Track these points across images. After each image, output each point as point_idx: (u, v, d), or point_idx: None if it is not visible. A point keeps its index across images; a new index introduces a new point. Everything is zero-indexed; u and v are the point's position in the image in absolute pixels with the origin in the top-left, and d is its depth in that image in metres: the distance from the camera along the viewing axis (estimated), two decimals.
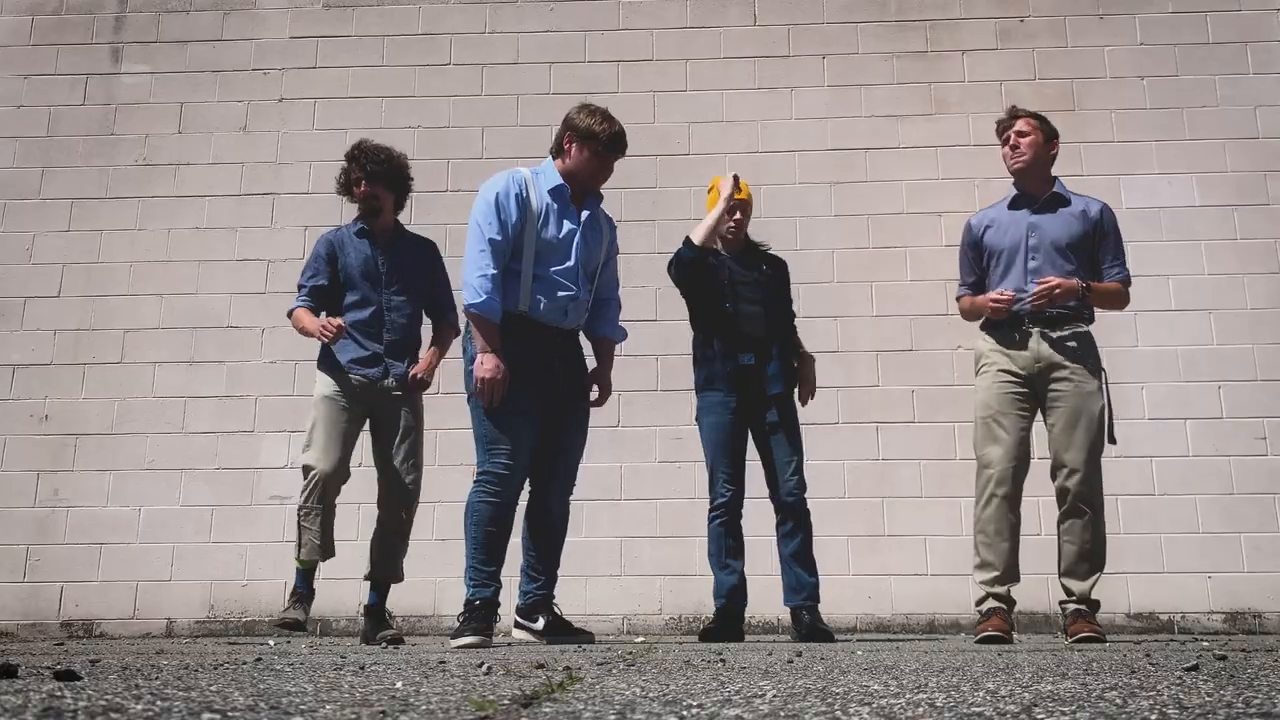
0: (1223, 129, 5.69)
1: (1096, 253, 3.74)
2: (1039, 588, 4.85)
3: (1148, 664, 2.05)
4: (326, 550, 3.96)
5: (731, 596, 3.87)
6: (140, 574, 5.42)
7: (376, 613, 3.98)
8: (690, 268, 4.01)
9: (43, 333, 5.75)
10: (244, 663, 2.25)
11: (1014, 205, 3.83)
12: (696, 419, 4.07)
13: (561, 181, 3.65)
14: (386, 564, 4.02)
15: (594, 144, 3.61)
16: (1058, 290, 3.57)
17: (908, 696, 1.30)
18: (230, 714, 1.06)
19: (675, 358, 5.56)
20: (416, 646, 3.57)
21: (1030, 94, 5.78)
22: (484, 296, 3.47)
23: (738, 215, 4.13)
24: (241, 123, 6.02)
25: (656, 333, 5.57)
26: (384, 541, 4.02)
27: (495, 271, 3.49)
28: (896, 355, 5.46)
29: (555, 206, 3.62)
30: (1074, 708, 1.14)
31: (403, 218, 4.25)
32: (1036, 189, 3.80)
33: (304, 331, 4.04)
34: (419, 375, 4.07)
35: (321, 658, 2.56)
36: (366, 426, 4.09)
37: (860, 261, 5.66)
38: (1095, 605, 3.57)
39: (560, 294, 3.59)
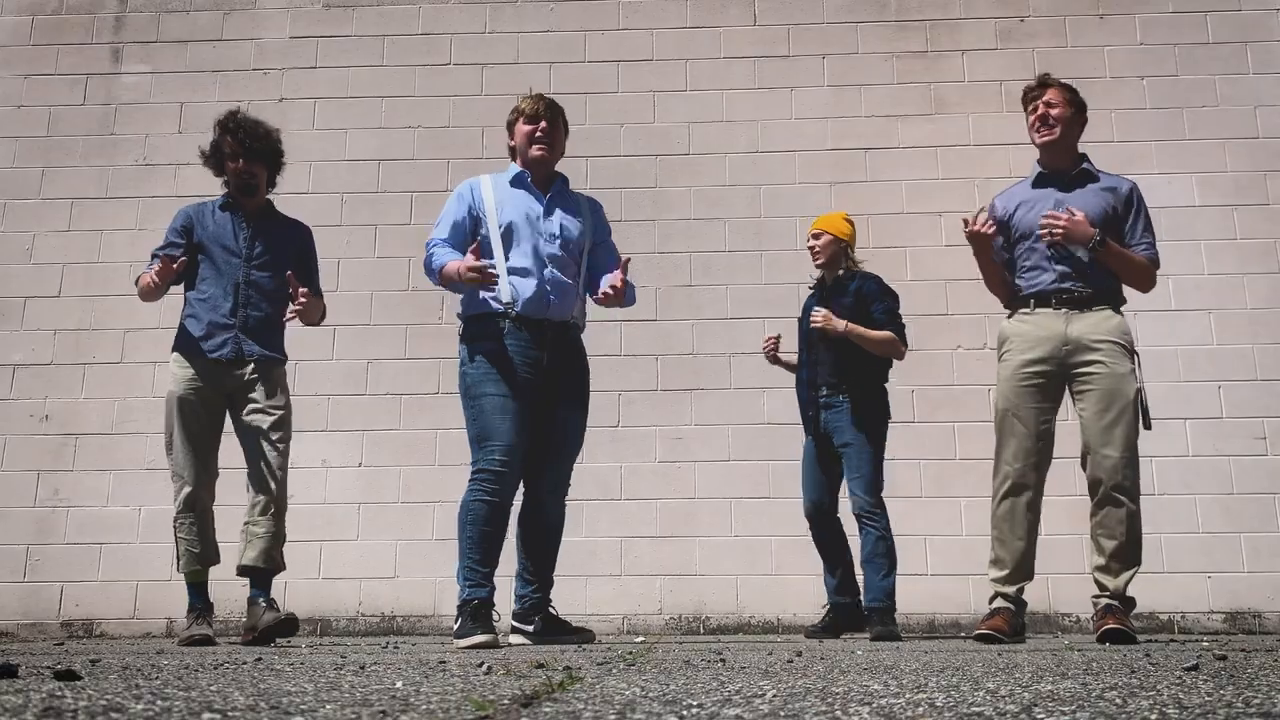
0: (1223, 129, 5.69)
1: (1125, 230, 3.56)
2: (1039, 588, 4.84)
3: (1148, 664, 2.05)
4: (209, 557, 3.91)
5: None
6: (140, 574, 5.42)
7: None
8: None
9: (43, 333, 5.75)
10: (244, 663, 2.25)
11: (1039, 183, 3.68)
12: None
13: (520, 169, 3.73)
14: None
15: (518, 116, 3.73)
16: (1064, 224, 3.37)
17: (908, 696, 1.30)
18: (230, 714, 1.06)
19: (675, 358, 5.56)
20: (416, 646, 3.57)
21: None
22: (429, 258, 3.57)
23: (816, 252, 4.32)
24: None
25: (656, 332, 5.57)
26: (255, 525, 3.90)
27: (438, 244, 3.59)
28: None
29: (518, 193, 3.68)
30: (1074, 708, 1.14)
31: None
32: (1063, 164, 3.65)
33: (145, 291, 3.78)
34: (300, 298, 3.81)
35: (321, 658, 2.56)
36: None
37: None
38: (1130, 603, 3.40)
39: (537, 280, 3.55)
